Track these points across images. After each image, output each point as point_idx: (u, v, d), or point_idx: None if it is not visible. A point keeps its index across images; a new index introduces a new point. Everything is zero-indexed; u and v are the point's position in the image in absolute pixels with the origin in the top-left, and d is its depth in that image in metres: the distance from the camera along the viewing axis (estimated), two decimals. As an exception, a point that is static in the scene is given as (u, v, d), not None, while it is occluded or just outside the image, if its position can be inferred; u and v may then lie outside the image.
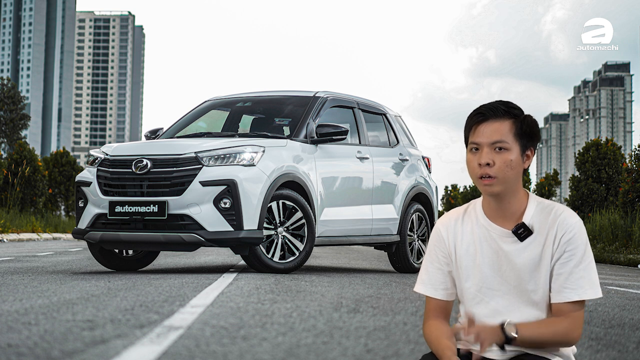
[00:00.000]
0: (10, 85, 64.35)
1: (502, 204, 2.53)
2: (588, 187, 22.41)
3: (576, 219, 2.52)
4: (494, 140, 2.48)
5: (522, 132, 2.50)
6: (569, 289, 2.47)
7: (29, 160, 26.57)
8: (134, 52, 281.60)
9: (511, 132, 2.49)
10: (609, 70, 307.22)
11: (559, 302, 2.49)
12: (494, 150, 2.48)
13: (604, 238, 17.78)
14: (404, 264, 9.56)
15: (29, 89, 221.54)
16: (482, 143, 2.49)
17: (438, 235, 2.66)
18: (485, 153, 2.48)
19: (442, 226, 2.65)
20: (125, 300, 4.98)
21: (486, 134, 2.49)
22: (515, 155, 2.48)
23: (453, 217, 2.66)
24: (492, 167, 2.47)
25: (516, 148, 2.49)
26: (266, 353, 3.20)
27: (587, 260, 2.49)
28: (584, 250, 2.49)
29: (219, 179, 7.48)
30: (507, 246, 2.54)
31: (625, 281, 9.89)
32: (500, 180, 2.48)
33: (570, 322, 2.47)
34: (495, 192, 2.50)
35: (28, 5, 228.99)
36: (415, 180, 9.90)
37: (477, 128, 2.51)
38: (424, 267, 2.69)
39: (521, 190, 2.55)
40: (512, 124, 2.50)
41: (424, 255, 2.72)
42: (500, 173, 2.47)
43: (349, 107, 9.43)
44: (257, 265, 7.77)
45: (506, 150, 2.48)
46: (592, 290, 2.47)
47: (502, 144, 2.48)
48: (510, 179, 2.48)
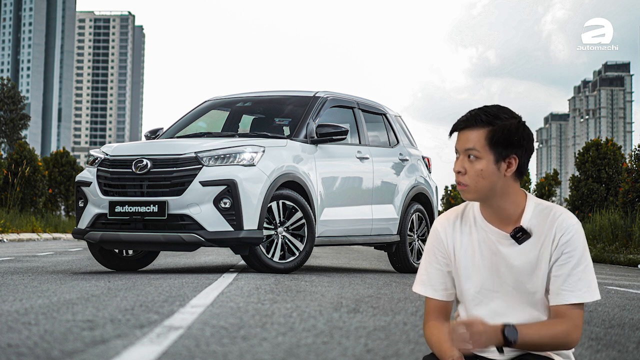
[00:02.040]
0: (10, 85, 64.31)
1: (493, 208, 2.52)
2: (588, 187, 22.41)
3: (574, 220, 2.50)
4: (466, 148, 2.47)
5: (495, 141, 2.44)
6: (567, 291, 2.46)
7: (29, 160, 26.57)
8: (134, 52, 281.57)
9: (484, 140, 2.45)
10: (609, 70, 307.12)
11: (557, 304, 2.47)
12: (467, 158, 2.48)
13: (604, 238, 17.78)
14: (404, 264, 9.56)
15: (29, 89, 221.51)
16: (459, 150, 2.50)
17: (436, 236, 2.64)
18: (460, 160, 2.49)
19: (440, 226, 2.64)
20: (125, 300, 4.98)
21: (460, 142, 2.49)
22: (485, 165, 2.45)
23: (451, 217, 2.64)
24: (464, 175, 2.47)
25: (488, 157, 2.45)
26: (266, 353, 3.20)
27: (585, 262, 2.47)
28: (582, 252, 2.47)
29: (219, 179, 7.48)
30: (504, 249, 2.52)
31: (625, 281, 9.89)
32: (471, 189, 2.47)
33: (569, 324, 2.45)
34: (469, 199, 2.51)
35: (28, 5, 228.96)
36: (415, 180, 9.90)
37: (458, 134, 2.51)
38: (422, 267, 2.66)
39: (516, 194, 2.51)
40: (487, 132, 2.46)
41: (422, 256, 2.71)
42: (472, 182, 2.47)
43: (349, 107, 9.43)
44: (257, 265, 7.77)
45: (477, 159, 2.46)
46: (589, 293, 2.46)
47: (473, 152, 2.46)
48: (482, 188, 2.46)
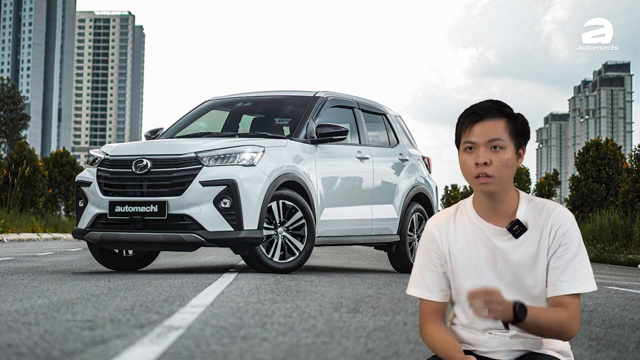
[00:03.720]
0: (10, 85, 64.32)
1: (495, 202, 2.54)
2: (588, 187, 22.41)
3: (569, 213, 2.55)
4: (490, 139, 2.48)
5: (516, 131, 2.51)
6: (565, 282, 2.49)
7: (29, 160, 26.57)
8: (134, 52, 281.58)
9: (506, 130, 2.50)
10: (609, 70, 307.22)
11: (556, 295, 2.50)
12: (489, 149, 2.49)
13: (604, 238, 17.77)
14: (404, 264, 9.56)
15: (29, 89, 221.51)
16: (478, 142, 2.49)
17: (430, 237, 2.65)
18: (482, 152, 2.48)
19: (434, 227, 2.65)
20: (125, 300, 4.98)
21: (482, 133, 2.49)
22: (510, 154, 2.49)
23: (444, 217, 2.65)
24: (490, 166, 2.48)
25: (511, 147, 2.50)
26: (266, 353, 3.20)
27: (582, 253, 2.52)
28: (578, 243, 2.52)
29: (219, 179, 7.48)
30: (502, 244, 2.54)
31: (625, 281, 9.89)
32: (496, 179, 2.48)
33: (570, 313, 2.48)
34: (491, 191, 2.50)
35: (28, 5, 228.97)
36: (415, 180, 9.90)
37: (472, 128, 2.51)
38: (417, 269, 2.66)
39: (513, 188, 2.56)
40: (507, 122, 2.51)
41: (416, 258, 2.71)
42: (497, 172, 2.48)
43: (349, 107, 9.43)
44: (257, 265, 7.77)
45: (502, 149, 2.49)
46: (587, 283, 2.50)
47: (498, 143, 2.48)
48: (505, 177, 2.49)
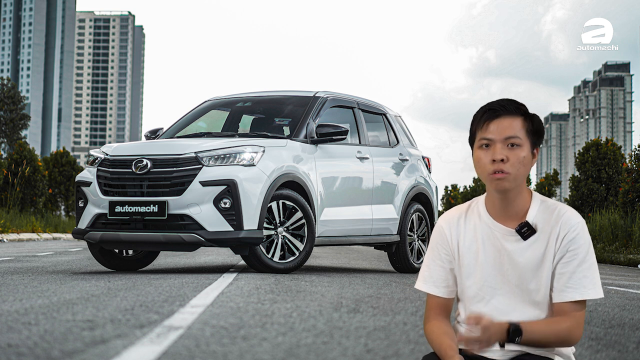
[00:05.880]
0: (10, 85, 64.32)
1: (508, 201, 2.53)
2: (588, 187, 22.41)
3: (579, 218, 2.52)
4: (507, 136, 2.48)
5: (532, 130, 2.51)
6: (572, 289, 2.47)
7: (29, 160, 26.57)
8: (134, 52, 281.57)
9: (523, 128, 2.49)
10: (609, 70, 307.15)
11: (561, 301, 2.48)
12: (506, 146, 2.48)
13: (604, 238, 17.77)
14: (404, 264, 9.56)
15: (29, 89, 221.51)
16: (495, 139, 2.48)
17: (440, 233, 2.65)
18: (499, 149, 2.47)
19: (445, 223, 2.65)
20: (125, 300, 4.98)
21: (499, 130, 2.48)
22: (526, 152, 2.49)
23: (456, 214, 2.65)
24: (506, 163, 2.47)
25: (527, 145, 2.49)
26: (266, 353, 3.20)
27: (590, 260, 2.49)
28: (587, 250, 2.49)
29: (219, 179, 7.48)
30: (509, 245, 2.53)
31: (625, 281, 9.89)
32: (512, 177, 2.48)
33: (572, 322, 2.46)
34: (506, 188, 2.49)
35: (28, 5, 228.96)
36: (415, 180, 9.90)
37: (489, 124, 2.50)
38: (425, 264, 2.68)
39: (525, 189, 2.55)
40: (523, 120, 2.50)
41: (426, 253, 2.72)
42: (513, 169, 2.47)
43: (349, 107, 9.43)
44: (257, 265, 7.77)
45: (518, 147, 2.48)
46: (594, 290, 2.48)
47: (515, 140, 2.48)
48: (521, 175, 2.49)
